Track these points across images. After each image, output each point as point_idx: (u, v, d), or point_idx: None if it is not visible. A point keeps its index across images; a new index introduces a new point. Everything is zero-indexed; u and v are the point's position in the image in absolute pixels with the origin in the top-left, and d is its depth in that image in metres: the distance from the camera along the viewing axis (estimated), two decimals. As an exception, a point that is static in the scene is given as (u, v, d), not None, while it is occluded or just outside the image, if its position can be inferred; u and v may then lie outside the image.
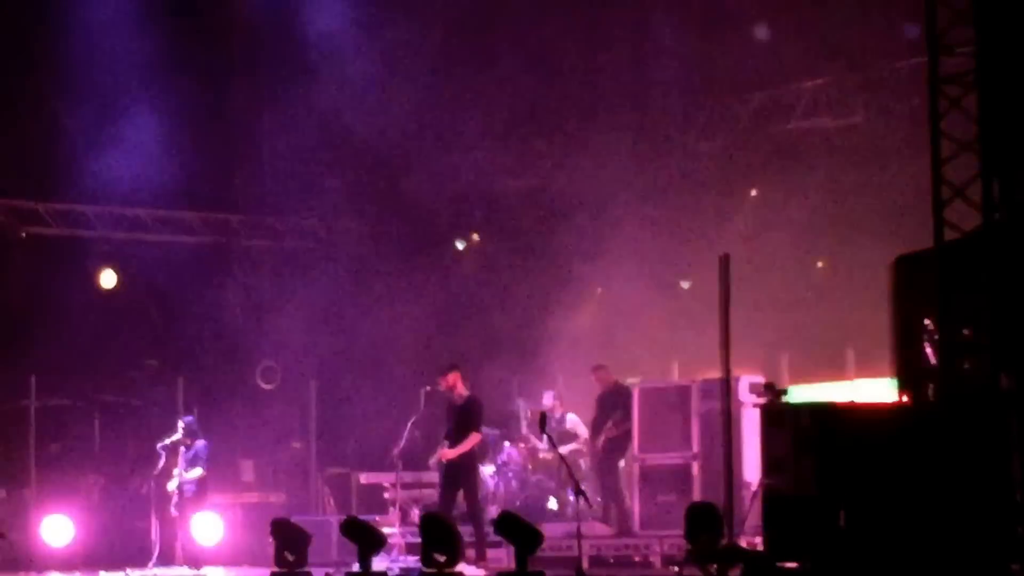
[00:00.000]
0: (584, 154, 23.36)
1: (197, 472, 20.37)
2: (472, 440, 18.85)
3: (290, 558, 16.19)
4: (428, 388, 19.94)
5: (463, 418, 18.93)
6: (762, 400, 15.85)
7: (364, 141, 22.73)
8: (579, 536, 15.56)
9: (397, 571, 18.09)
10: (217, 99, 22.76)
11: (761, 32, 21.33)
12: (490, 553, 18.44)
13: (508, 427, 22.69)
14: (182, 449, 20.33)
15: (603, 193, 23.22)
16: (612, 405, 20.96)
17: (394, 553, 20.09)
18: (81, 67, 22.04)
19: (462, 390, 19.16)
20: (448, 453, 18.76)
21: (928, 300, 14.45)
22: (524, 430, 22.46)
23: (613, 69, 22.51)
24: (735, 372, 16.89)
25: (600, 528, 20.31)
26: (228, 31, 23.35)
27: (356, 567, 15.74)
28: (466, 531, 17.29)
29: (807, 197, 21.99)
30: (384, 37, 22.25)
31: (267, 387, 24.19)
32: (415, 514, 19.89)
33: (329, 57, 22.20)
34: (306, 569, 16.17)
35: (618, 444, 20.91)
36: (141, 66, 21.98)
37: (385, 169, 23.68)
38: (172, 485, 20.25)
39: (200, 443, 20.56)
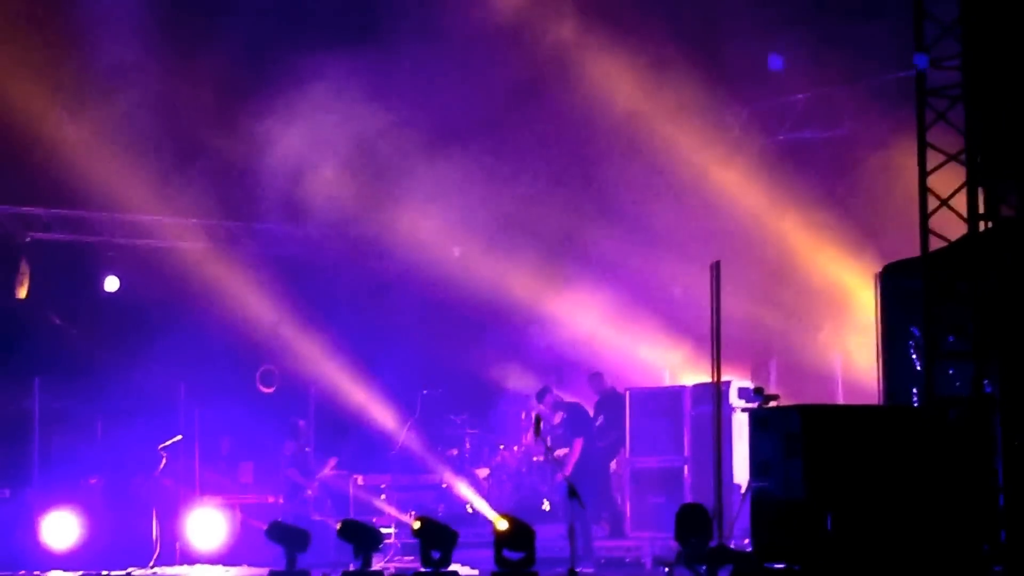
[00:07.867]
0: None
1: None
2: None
3: (290, 559, 16.46)
4: (425, 391, 20.12)
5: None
6: (751, 404, 16.17)
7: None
8: (571, 536, 15.80)
9: (393, 571, 18.36)
10: (220, 106, 22.93)
11: (752, 45, 21.60)
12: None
13: (503, 430, 22.95)
14: None
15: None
16: (600, 412, 21.24)
17: (390, 554, 20.38)
18: (83, 73, 22.25)
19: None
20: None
21: (914, 307, 14.77)
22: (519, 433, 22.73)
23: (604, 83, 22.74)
24: (725, 377, 17.21)
25: (592, 529, 20.59)
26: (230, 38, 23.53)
27: (353, 567, 15.98)
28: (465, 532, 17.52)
29: (795, 207, 22.28)
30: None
31: (266, 390, 24.40)
32: (411, 516, 20.14)
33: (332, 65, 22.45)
34: (304, 569, 16.44)
35: (606, 452, 21.19)
36: (143, 72, 22.20)
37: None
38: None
39: None
